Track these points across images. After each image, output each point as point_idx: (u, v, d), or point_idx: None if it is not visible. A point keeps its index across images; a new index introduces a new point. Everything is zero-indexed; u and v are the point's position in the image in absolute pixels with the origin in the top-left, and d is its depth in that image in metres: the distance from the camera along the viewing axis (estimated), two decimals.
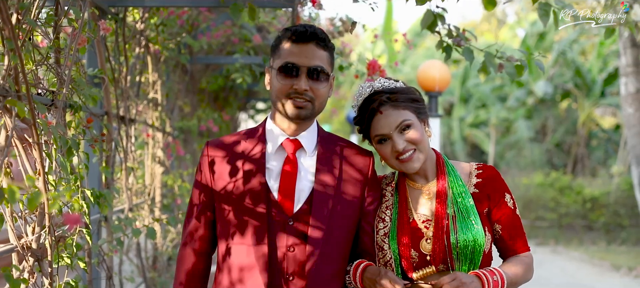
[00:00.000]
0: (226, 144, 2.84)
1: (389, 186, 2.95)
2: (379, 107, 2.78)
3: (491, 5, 1.92)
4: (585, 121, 23.10)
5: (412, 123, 2.77)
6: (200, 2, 4.02)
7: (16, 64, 2.54)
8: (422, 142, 2.79)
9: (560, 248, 15.81)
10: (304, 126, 2.80)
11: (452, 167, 2.90)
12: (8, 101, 2.46)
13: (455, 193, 2.81)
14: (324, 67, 2.71)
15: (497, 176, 2.89)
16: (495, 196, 2.84)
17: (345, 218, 2.79)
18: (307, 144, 2.80)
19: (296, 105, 2.69)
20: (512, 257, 2.87)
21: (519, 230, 2.88)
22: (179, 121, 7.08)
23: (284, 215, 2.73)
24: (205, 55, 7.13)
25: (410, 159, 2.78)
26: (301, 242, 2.72)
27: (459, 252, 2.73)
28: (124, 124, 4.50)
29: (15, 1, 2.68)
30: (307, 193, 2.76)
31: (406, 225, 2.80)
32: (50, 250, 2.78)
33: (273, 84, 2.76)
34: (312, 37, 2.70)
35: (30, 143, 2.73)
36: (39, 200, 1.83)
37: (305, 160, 2.80)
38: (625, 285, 11.80)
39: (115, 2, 3.97)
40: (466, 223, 2.75)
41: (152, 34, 5.09)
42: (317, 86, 2.70)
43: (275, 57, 2.75)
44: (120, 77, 4.43)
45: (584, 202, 17.39)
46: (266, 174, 2.74)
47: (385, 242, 2.80)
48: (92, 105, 3.53)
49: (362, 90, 2.90)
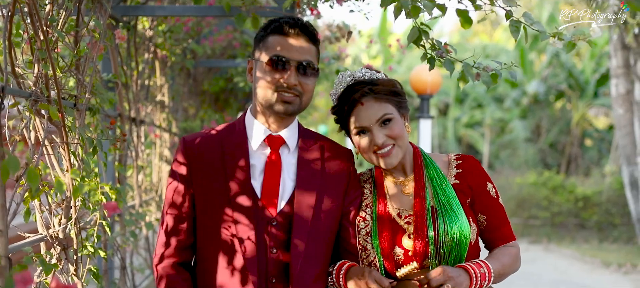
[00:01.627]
0: (204, 140, 2.72)
1: (367, 183, 2.88)
2: (360, 97, 2.70)
3: (468, 24, 2.21)
4: (579, 121, 23.40)
5: (393, 117, 2.71)
6: (206, 11, 4.30)
7: (47, 72, 2.83)
8: (402, 138, 2.72)
9: (552, 246, 16.10)
10: (286, 122, 2.71)
11: (430, 159, 2.83)
12: (41, 105, 2.75)
13: (435, 185, 2.75)
14: (313, 61, 2.65)
15: (477, 166, 2.84)
16: (476, 186, 2.78)
17: (328, 218, 2.70)
18: (290, 140, 2.72)
19: (284, 99, 2.61)
20: (499, 247, 2.81)
21: (503, 219, 2.81)
22: (183, 122, 7.39)
23: (267, 215, 2.63)
24: (207, 59, 7.44)
25: (388, 154, 2.71)
26: (284, 243, 2.63)
27: (444, 245, 2.65)
28: (135, 125, 4.81)
29: (44, 15, 2.97)
30: (290, 193, 2.67)
31: (387, 222, 2.72)
32: (75, 240, 3.07)
33: (258, 77, 2.65)
34: (303, 31, 2.64)
35: (57, 143, 3.02)
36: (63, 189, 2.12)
37: (288, 158, 2.72)
38: (615, 281, 12.09)
39: (127, 12, 4.27)
40: (449, 216, 2.68)
41: (160, 40, 5.40)
42: (306, 81, 2.63)
43: (262, 49, 2.65)
44: (131, 81, 4.73)
45: (576, 200, 17.67)
46: (250, 172, 2.65)
47: (368, 241, 2.72)
48: (108, 108, 3.82)
49: (342, 78, 2.82)
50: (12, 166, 1.87)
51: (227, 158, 2.65)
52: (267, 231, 2.62)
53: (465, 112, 25.87)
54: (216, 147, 2.68)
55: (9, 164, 1.87)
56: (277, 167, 2.67)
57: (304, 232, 2.62)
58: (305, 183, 2.67)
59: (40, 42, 2.79)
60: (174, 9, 4.59)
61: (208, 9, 4.31)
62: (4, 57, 2.66)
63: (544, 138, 24.46)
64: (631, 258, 13.97)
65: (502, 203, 2.83)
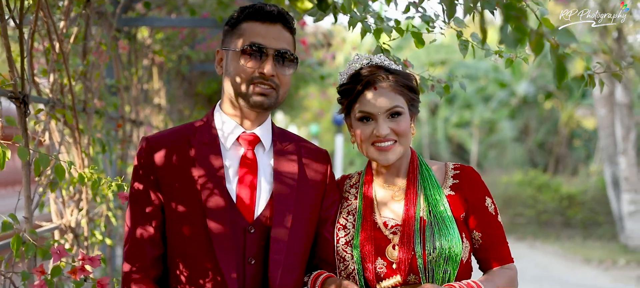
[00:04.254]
0: (169, 140, 2.46)
1: (353, 188, 2.68)
2: (375, 81, 2.49)
3: (421, 44, 2.62)
4: (567, 121, 23.82)
5: (403, 112, 2.51)
6: (200, 22, 4.71)
7: (62, 80, 3.25)
8: (406, 136, 2.52)
9: (537, 244, 16.46)
10: (261, 118, 2.49)
11: (426, 166, 2.62)
12: (58, 110, 3.16)
13: (428, 194, 2.55)
14: (291, 51, 2.44)
15: (476, 177, 2.61)
16: (474, 200, 2.56)
17: (306, 225, 2.49)
18: (265, 138, 2.50)
19: (260, 92, 2.38)
20: (494, 268, 2.57)
21: (501, 239, 2.57)
22: (178, 122, 7.82)
23: (244, 222, 2.40)
24: (201, 63, 7.87)
25: (388, 149, 2.51)
26: (262, 251, 2.41)
27: (432, 260, 2.44)
28: (135, 126, 5.23)
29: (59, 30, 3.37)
30: (268, 196, 2.45)
31: (370, 231, 2.52)
32: (86, 228, 3.48)
33: (231, 68, 2.41)
34: (280, 18, 2.43)
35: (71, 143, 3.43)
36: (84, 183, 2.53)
37: (263, 158, 2.50)
38: (594, 276, 12.42)
39: (129, 23, 4.68)
40: (440, 229, 2.47)
41: (157, 47, 5.83)
42: (284, 72, 2.42)
43: (234, 37, 2.43)
44: (131, 85, 5.14)
45: (561, 199, 18.05)
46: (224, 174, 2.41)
47: (346, 251, 2.52)
48: (111, 111, 4.24)
49: (358, 58, 2.61)
50: (43, 162, 2.28)
51: (197, 159, 2.40)
52: (244, 239, 2.39)
53: (454, 112, 26.24)
54: (184, 147, 2.43)
55: (41, 161, 2.28)
56: (252, 168, 2.44)
57: (283, 241, 2.40)
58: (284, 186, 2.46)
59: (56, 54, 3.20)
60: (172, 21, 5.02)
61: (202, 21, 4.73)
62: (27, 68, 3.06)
63: (532, 138, 24.86)
64: (613, 255, 14.27)
65: (500, 221, 2.60)
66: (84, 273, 2.14)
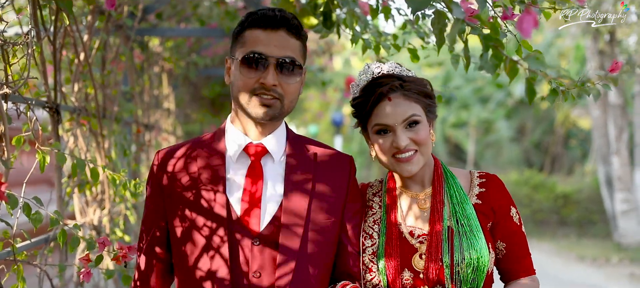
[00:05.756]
0: (180, 153, 2.42)
1: (376, 196, 2.58)
2: (388, 92, 2.40)
3: (416, 59, 2.91)
4: (563, 121, 24.08)
5: (420, 120, 2.42)
6: (208, 33, 5.02)
7: (87, 90, 3.53)
8: (426, 144, 2.44)
9: (533, 242, 16.66)
10: (270, 128, 2.38)
11: (451, 174, 2.55)
12: (84, 117, 3.45)
13: (454, 203, 2.47)
14: (295, 58, 2.30)
15: (502, 186, 2.54)
16: (500, 210, 2.49)
17: (322, 236, 2.37)
18: (274, 148, 2.38)
19: (262, 103, 2.28)
20: (518, 280, 2.49)
21: (525, 250, 2.51)
22: (185, 125, 8.15)
23: (249, 234, 2.31)
24: (205, 68, 8.18)
25: (409, 160, 2.42)
26: (269, 266, 2.30)
27: (460, 271, 2.38)
28: (147, 130, 5.52)
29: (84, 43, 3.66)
30: (276, 208, 2.33)
31: (396, 240, 2.44)
32: (108, 226, 3.77)
33: (235, 78, 2.33)
34: (283, 23, 2.28)
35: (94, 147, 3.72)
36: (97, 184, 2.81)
37: (273, 169, 2.38)
38: (588, 274, 12.62)
39: (143, 33, 4.98)
40: (468, 239, 2.40)
41: (167, 54, 6.13)
42: (288, 81, 2.28)
43: (238, 46, 2.33)
44: (144, 91, 5.44)
45: (556, 198, 18.28)
46: (227, 186, 2.33)
47: (373, 262, 2.43)
48: (127, 116, 4.53)
49: (368, 68, 2.51)
50: (80, 167, 2.57)
51: (201, 172, 2.35)
52: (250, 253, 2.31)
53: (452, 113, 26.48)
54: (193, 159, 2.39)
55: (78, 165, 2.57)
56: (258, 180, 2.35)
57: (292, 253, 2.30)
58: (294, 197, 2.34)
59: (82, 65, 3.48)
60: (182, 31, 5.33)
61: (210, 30, 5.02)
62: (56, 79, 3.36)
63: (529, 138, 25.11)
64: (606, 252, 14.49)
65: (524, 232, 2.54)
66: (125, 259, 2.45)
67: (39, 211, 2.33)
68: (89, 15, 3.64)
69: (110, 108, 4.00)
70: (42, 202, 2.36)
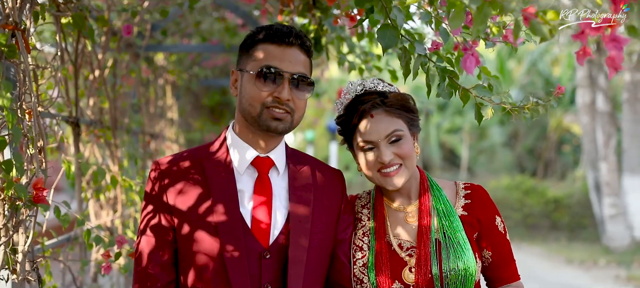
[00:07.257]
0: (181, 163, 2.41)
1: (365, 208, 2.63)
2: (371, 109, 2.46)
3: (395, 79, 3.30)
4: (555, 127, 24.38)
5: (403, 135, 2.47)
6: (210, 48, 5.42)
7: (101, 104, 3.92)
8: (410, 158, 2.49)
9: (524, 245, 16.86)
10: (276, 141, 2.42)
11: (437, 186, 2.59)
12: (99, 130, 3.83)
13: (441, 215, 2.52)
14: (307, 74, 2.37)
15: (487, 197, 2.60)
16: (485, 220, 2.55)
17: (323, 248, 2.43)
18: (279, 162, 2.43)
19: (275, 116, 2.31)
20: (504, 286, 2.59)
21: (510, 257, 2.58)
22: (187, 133, 8.56)
23: (259, 247, 2.33)
24: (206, 79, 8.60)
25: (394, 174, 2.47)
26: (278, 277, 2.33)
27: (448, 282, 2.43)
28: (153, 139, 5.91)
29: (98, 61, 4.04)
30: (283, 221, 2.37)
31: (386, 252, 2.48)
32: (120, 227, 4.15)
33: (245, 90, 2.35)
34: (297, 40, 2.35)
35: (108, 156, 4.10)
36: (110, 189, 3.19)
37: (277, 182, 2.42)
38: (575, 276, 12.82)
39: (149, 49, 5.37)
40: (456, 251, 2.45)
41: (171, 67, 6.54)
42: (299, 96, 2.34)
43: (250, 59, 2.36)
44: (149, 103, 5.83)
45: (547, 203, 18.57)
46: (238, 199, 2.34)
47: (364, 273, 2.47)
48: (135, 127, 4.91)
49: (351, 86, 2.57)
50: (100, 174, 2.95)
51: (211, 183, 2.34)
52: (260, 264, 2.32)
53: (446, 118, 26.76)
54: (196, 170, 2.38)
55: (99, 173, 2.95)
56: (267, 192, 2.38)
57: (300, 265, 2.34)
58: (300, 211, 2.39)
59: (97, 82, 3.86)
60: (186, 47, 5.73)
61: (212, 47, 5.41)
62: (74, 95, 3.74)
63: (522, 143, 25.40)
64: (594, 255, 14.74)
65: (508, 240, 2.62)
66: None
67: (67, 213, 2.71)
68: (103, 36, 4.02)
69: (121, 120, 4.37)
70: (70, 206, 2.74)
